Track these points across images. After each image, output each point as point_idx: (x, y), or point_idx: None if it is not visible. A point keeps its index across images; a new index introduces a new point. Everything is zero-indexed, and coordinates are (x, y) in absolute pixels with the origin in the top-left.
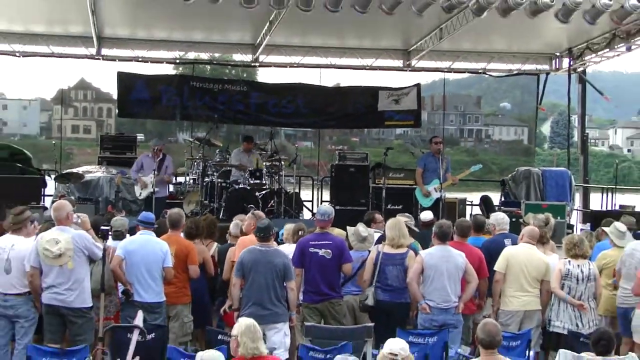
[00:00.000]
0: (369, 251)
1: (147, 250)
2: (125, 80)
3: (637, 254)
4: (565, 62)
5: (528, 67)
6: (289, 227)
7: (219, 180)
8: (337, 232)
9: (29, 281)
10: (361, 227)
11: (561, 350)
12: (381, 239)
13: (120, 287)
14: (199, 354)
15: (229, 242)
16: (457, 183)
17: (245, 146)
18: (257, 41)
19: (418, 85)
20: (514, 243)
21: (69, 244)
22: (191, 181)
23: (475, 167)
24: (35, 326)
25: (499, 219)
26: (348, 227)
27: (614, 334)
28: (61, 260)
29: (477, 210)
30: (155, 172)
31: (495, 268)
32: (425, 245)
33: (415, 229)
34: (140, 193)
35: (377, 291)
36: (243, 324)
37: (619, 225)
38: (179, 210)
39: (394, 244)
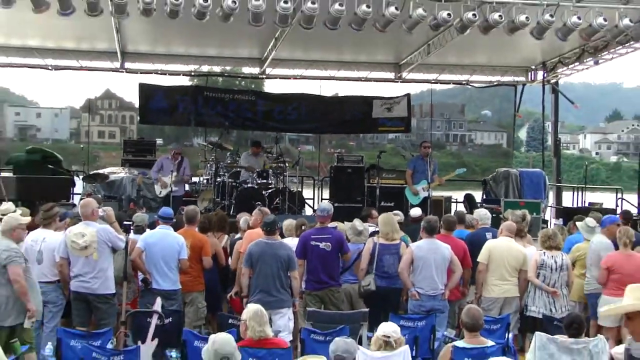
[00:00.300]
0: (364, 243)
1: (165, 243)
2: (146, 91)
3: (592, 246)
4: (540, 74)
5: (506, 78)
6: (288, 222)
7: (230, 180)
8: (340, 226)
9: (59, 270)
10: (357, 222)
11: (537, 333)
12: (375, 233)
13: (140, 276)
14: (212, 337)
15: (238, 235)
16: (443, 183)
17: (254, 150)
18: (264, 56)
19: (408, 95)
20: (494, 236)
21: (93, 237)
22: (205, 181)
23: (459, 170)
24: (62, 311)
25: (482, 215)
26: (346, 222)
27: (585, 317)
28: (87, 252)
29: (461, 207)
30: (175, 173)
31: (478, 259)
32: (414, 239)
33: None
34: (161, 192)
35: (375, 278)
36: (251, 309)
37: (589, 221)
38: (194, 207)
39: (388, 238)
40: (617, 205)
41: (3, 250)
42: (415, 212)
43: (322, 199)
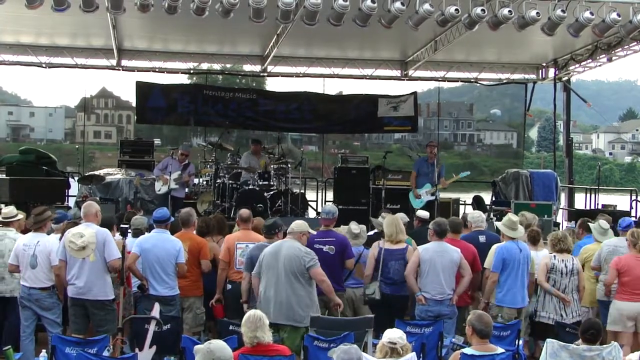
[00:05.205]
0: (364, 246)
1: (160, 248)
2: (143, 89)
3: (608, 248)
4: (551, 71)
5: (516, 76)
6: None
7: (230, 181)
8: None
9: (56, 274)
10: (353, 225)
11: (548, 340)
12: (380, 236)
13: (135, 281)
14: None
15: None
16: (446, 186)
17: (254, 148)
18: (265, 53)
19: (415, 94)
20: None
21: (92, 238)
22: (204, 182)
23: (463, 173)
24: (61, 317)
25: (475, 217)
26: (342, 226)
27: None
28: (84, 253)
29: (469, 209)
30: (180, 173)
31: (485, 265)
32: (421, 241)
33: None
34: (160, 189)
35: (381, 285)
36: (246, 315)
37: (603, 223)
38: (188, 209)
39: (393, 240)
40: (631, 207)
41: (305, 254)
42: (423, 213)
43: (325, 201)
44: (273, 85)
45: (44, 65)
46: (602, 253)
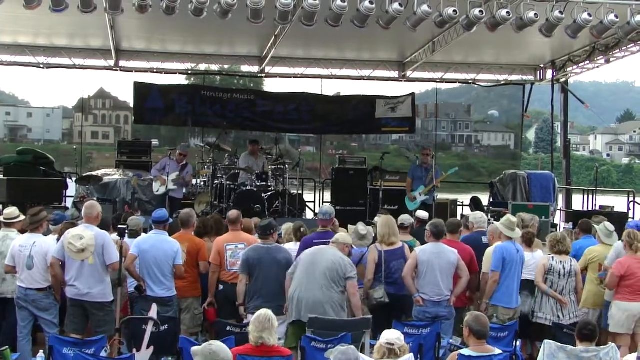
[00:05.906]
0: (368, 247)
1: (158, 249)
2: (141, 90)
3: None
4: (549, 73)
5: (514, 77)
6: (286, 226)
7: (228, 182)
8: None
9: (52, 274)
10: (360, 226)
11: (546, 341)
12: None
13: (132, 282)
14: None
15: None
16: (438, 186)
17: (251, 148)
18: (264, 54)
19: (412, 95)
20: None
21: (91, 241)
22: (202, 183)
23: (451, 170)
24: (58, 318)
25: (477, 218)
26: (349, 226)
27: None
28: (83, 255)
29: (467, 211)
30: (178, 174)
31: (483, 269)
32: (420, 242)
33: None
34: (158, 190)
35: (384, 286)
36: (256, 314)
37: (609, 225)
38: (188, 210)
39: (386, 242)
40: (629, 209)
41: (349, 264)
42: (422, 214)
43: (323, 202)
44: (271, 86)
45: (41, 66)
46: (622, 253)
